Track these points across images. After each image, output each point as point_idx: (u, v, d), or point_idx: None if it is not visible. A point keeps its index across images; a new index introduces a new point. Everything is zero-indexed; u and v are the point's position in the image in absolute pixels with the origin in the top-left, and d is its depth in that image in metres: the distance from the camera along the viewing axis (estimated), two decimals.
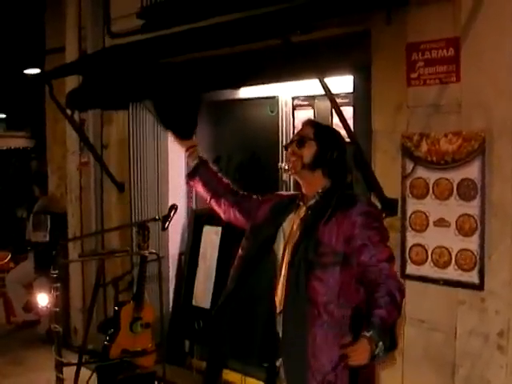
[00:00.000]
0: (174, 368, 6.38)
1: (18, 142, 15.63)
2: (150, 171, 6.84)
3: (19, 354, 7.42)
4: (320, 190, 3.28)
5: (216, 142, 6.82)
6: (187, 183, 3.93)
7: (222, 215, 3.68)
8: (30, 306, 8.33)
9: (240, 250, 3.45)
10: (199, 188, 3.68)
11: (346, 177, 3.42)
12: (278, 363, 3.31)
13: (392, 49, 4.54)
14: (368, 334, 2.83)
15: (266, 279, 3.34)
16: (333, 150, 3.29)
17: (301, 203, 3.34)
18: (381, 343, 2.83)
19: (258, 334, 3.35)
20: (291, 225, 3.32)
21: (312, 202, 3.29)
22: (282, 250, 3.30)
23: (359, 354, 2.81)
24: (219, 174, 3.70)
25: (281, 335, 3.24)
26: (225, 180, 3.68)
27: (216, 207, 3.67)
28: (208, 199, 3.67)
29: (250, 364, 5.75)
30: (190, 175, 3.68)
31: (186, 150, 3.68)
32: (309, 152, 3.27)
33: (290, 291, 3.18)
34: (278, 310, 3.26)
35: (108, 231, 6.99)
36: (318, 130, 3.34)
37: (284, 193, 3.66)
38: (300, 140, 3.31)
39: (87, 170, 7.30)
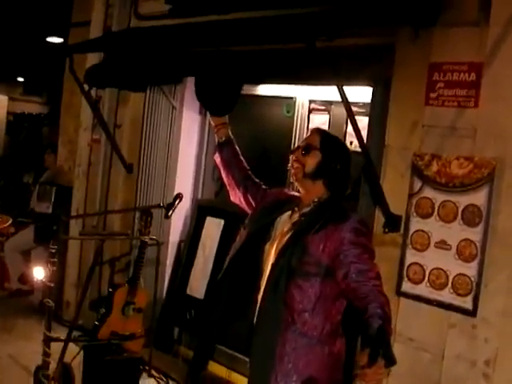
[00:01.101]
0: (160, 354, 6.41)
1: (32, 107, 15.68)
2: (160, 156, 6.84)
3: (9, 321, 7.43)
4: (316, 200, 3.28)
5: None
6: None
7: (231, 196, 3.74)
8: (25, 278, 8.36)
9: (237, 238, 3.47)
10: (219, 164, 3.74)
11: (346, 190, 3.42)
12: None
13: (414, 66, 4.53)
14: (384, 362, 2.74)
15: (255, 271, 3.34)
16: (336, 162, 3.29)
17: (296, 208, 3.34)
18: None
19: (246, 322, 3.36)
20: (283, 225, 3.33)
21: (306, 209, 3.29)
22: (269, 247, 3.32)
23: (374, 380, 2.68)
24: (241, 157, 3.76)
25: (254, 331, 3.25)
26: (244, 164, 3.75)
27: (228, 186, 3.73)
28: (224, 177, 3.73)
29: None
30: (215, 150, 3.76)
31: (216, 126, 3.77)
32: (312, 161, 3.28)
33: (269, 292, 3.19)
34: (257, 306, 3.27)
35: (111, 213, 7.00)
36: (324, 139, 3.34)
37: (289, 191, 3.66)
38: (305, 148, 3.31)
39: (98, 147, 7.31)
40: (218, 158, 3.74)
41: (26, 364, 6.01)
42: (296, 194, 3.50)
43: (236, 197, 3.68)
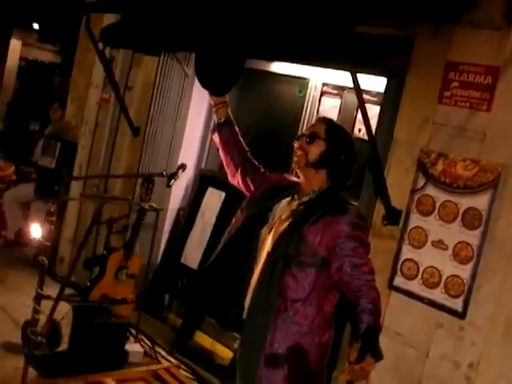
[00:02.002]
0: (149, 318, 6.45)
1: (45, 54, 15.58)
2: (168, 123, 6.83)
3: (2, 270, 7.42)
4: (316, 189, 3.27)
5: (238, 109, 6.79)
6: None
7: (229, 178, 3.70)
8: (22, 234, 8.37)
9: (233, 220, 3.46)
10: (218, 145, 3.70)
11: (347, 181, 3.40)
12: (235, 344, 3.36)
13: (431, 62, 4.50)
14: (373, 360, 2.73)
15: (250, 254, 3.35)
16: (340, 153, 3.27)
17: (296, 195, 3.33)
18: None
19: (236, 304, 3.36)
20: (281, 212, 3.32)
21: (306, 198, 3.28)
22: (266, 233, 3.31)
23: (363, 374, 2.70)
24: (240, 138, 3.71)
25: (245, 314, 3.26)
26: (243, 145, 3.70)
27: (226, 168, 3.69)
28: (223, 158, 3.68)
29: (225, 330, 5.85)
30: (213, 130, 3.72)
31: (215, 105, 3.72)
32: (316, 150, 3.26)
33: (264, 279, 3.19)
34: (250, 289, 3.28)
35: (114, 177, 7.00)
36: (330, 129, 3.32)
37: (288, 176, 3.63)
38: (310, 136, 3.28)
39: (106, 106, 7.29)
40: (216, 138, 3.70)
41: (15, 316, 6.05)
42: (296, 179, 3.48)
43: (234, 179, 3.65)
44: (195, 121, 6.89)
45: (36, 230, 7.38)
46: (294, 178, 3.52)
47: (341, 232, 3.08)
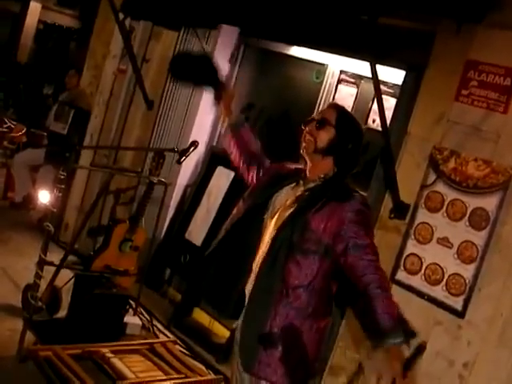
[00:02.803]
0: (149, 292, 6.48)
1: (64, 18, 15.53)
2: (183, 98, 6.82)
3: (6, 232, 7.48)
4: (322, 176, 3.24)
5: (254, 89, 6.80)
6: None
7: (244, 175, 3.63)
8: (29, 198, 8.39)
9: (235, 209, 3.45)
10: (231, 145, 3.63)
11: (353, 169, 3.35)
12: (234, 325, 3.36)
13: (451, 59, 4.48)
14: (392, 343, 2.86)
15: (251, 242, 3.32)
16: (349, 142, 3.25)
17: (301, 181, 3.30)
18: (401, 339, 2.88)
19: (236, 292, 3.37)
20: (286, 198, 3.29)
21: (312, 185, 3.25)
22: (269, 218, 3.28)
23: (394, 368, 2.82)
24: (254, 138, 3.64)
25: (247, 299, 3.25)
26: (257, 145, 3.63)
27: (241, 169, 3.62)
28: (236, 158, 3.61)
29: (222, 315, 5.87)
30: (226, 131, 3.67)
31: (224, 112, 3.66)
32: (325, 137, 3.22)
33: (266, 265, 3.17)
34: (252, 275, 3.27)
35: (125, 149, 7.00)
36: (341, 117, 3.28)
37: (291, 164, 3.60)
38: (320, 121, 3.24)
39: (122, 77, 7.29)
40: (229, 139, 3.63)
41: (17, 279, 6.09)
42: (300, 166, 3.44)
43: (248, 175, 3.59)
44: (210, 99, 6.84)
45: (44, 196, 7.41)
46: (298, 165, 3.49)
47: (345, 218, 3.07)
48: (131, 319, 5.28)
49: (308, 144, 3.25)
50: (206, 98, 6.84)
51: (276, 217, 3.25)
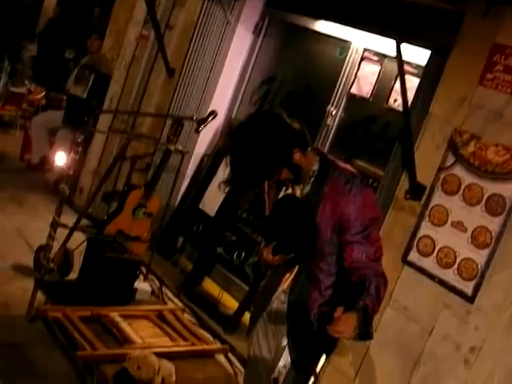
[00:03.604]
0: (160, 259, 6.51)
1: None
2: (204, 67, 6.78)
3: (21, 193, 7.51)
4: (311, 174, 3.17)
5: (275, 62, 6.76)
6: None
7: None
8: (45, 159, 8.41)
9: None
10: None
11: (305, 146, 3.14)
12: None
13: (478, 41, 4.42)
14: (356, 316, 2.87)
15: None
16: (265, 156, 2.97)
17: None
18: (358, 330, 2.88)
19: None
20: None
21: (307, 188, 3.19)
22: None
23: (344, 327, 2.85)
24: None
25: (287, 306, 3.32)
26: None
27: None
28: None
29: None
30: None
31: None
32: (285, 175, 3.10)
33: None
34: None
35: (144, 115, 6.98)
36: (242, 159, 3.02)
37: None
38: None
39: (145, 43, 7.26)
40: None
41: (30, 240, 6.12)
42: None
43: None
44: (231, 69, 6.85)
45: (60, 158, 7.43)
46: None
47: (348, 214, 3.06)
48: (141, 285, 5.30)
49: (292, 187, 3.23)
50: (228, 69, 6.83)
51: None
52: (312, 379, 3.61)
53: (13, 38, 10.46)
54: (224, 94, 6.89)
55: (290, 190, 3.25)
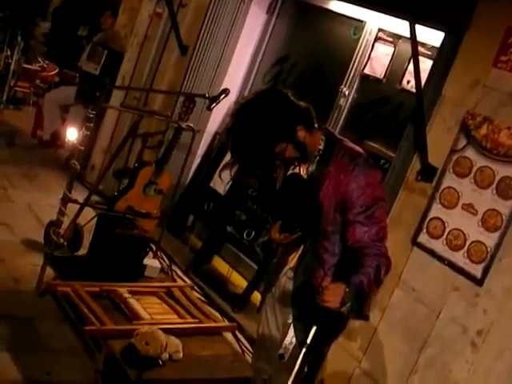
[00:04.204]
0: (170, 237, 6.52)
1: None
2: (217, 46, 6.75)
3: (34, 169, 7.56)
4: (316, 153, 3.13)
5: (289, 42, 6.73)
6: None
7: None
8: (57, 136, 8.42)
9: None
10: None
11: (310, 124, 3.10)
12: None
13: (493, 23, 4.37)
14: (344, 286, 2.84)
15: None
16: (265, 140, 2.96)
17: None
18: (349, 304, 2.83)
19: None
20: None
21: (313, 167, 3.16)
22: None
23: (331, 296, 2.82)
24: None
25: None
26: None
27: None
28: None
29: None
30: None
31: None
32: (290, 153, 3.06)
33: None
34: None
35: (156, 92, 6.97)
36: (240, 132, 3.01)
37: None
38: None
39: (158, 21, 7.24)
40: None
41: (40, 216, 6.16)
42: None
43: None
44: (244, 48, 6.82)
45: (72, 133, 7.44)
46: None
47: (351, 192, 3.02)
48: (150, 262, 5.30)
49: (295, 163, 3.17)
50: (241, 48, 6.80)
51: None
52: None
53: (26, 15, 10.43)
54: (237, 73, 6.87)
55: (297, 169, 3.22)
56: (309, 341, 2.87)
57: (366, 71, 5.88)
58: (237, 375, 4.16)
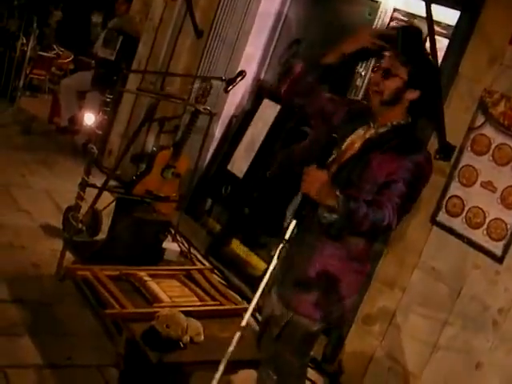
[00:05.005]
0: (189, 221, 6.53)
1: None
2: (233, 28, 6.74)
3: (51, 156, 7.60)
4: (395, 123, 3.11)
5: (304, 24, 6.69)
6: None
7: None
8: (75, 120, 8.44)
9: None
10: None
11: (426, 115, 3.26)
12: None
13: (508, 0, 4.34)
14: (336, 192, 2.80)
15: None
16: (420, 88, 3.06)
17: (371, 124, 3.17)
18: (335, 217, 2.80)
19: None
20: (354, 140, 3.18)
21: (382, 130, 3.13)
22: (336, 159, 3.17)
23: (313, 182, 2.79)
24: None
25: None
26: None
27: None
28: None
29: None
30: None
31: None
32: (393, 86, 3.05)
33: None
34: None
35: (172, 75, 6.97)
36: (411, 62, 3.06)
37: (356, 101, 3.40)
38: (386, 71, 3.07)
39: (173, 5, 7.22)
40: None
41: (59, 201, 6.19)
42: (366, 104, 3.31)
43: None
44: (260, 31, 6.79)
45: (89, 118, 7.46)
46: (364, 104, 3.37)
47: (403, 166, 2.96)
48: (170, 245, 5.33)
49: (374, 96, 3.11)
50: (256, 31, 6.78)
51: (342, 154, 3.17)
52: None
53: (40, 2, 10.44)
54: (253, 55, 6.84)
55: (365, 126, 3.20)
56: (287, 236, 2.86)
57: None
58: (257, 357, 4.17)
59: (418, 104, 3.10)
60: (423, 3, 4.07)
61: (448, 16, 5.06)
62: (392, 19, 5.81)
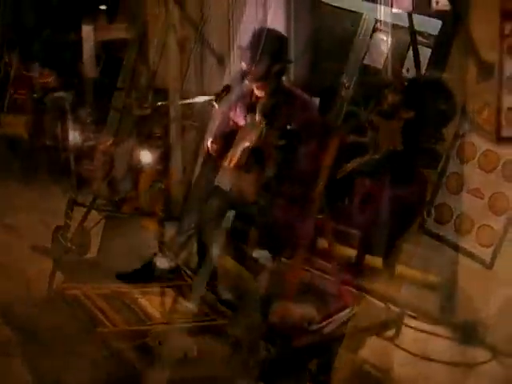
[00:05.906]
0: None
1: None
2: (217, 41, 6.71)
3: (37, 174, 7.53)
4: None
5: (286, 34, 6.69)
6: None
7: None
8: (60, 141, 8.37)
9: None
10: None
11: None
12: None
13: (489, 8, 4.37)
14: None
15: None
16: None
17: None
18: None
19: None
20: None
21: None
22: None
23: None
24: None
25: None
26: None
27: None
28: None
29: None
30: None
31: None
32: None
33: None
34: None
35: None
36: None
37: None
38: None
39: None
40: None
41: (48, 220, 6.13)
42: None
43: None
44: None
45: (74, 138, 7.41)
46: None
47: None
48: (161, 261, 5.30)
49: None
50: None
51: None
52: None
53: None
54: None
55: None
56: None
57: (366, 61, 5.88)
58: None
59: None
60: (405, 13, 4.12)
61: (431, 25, 5.09)
62: (375, 29, 5.84)
